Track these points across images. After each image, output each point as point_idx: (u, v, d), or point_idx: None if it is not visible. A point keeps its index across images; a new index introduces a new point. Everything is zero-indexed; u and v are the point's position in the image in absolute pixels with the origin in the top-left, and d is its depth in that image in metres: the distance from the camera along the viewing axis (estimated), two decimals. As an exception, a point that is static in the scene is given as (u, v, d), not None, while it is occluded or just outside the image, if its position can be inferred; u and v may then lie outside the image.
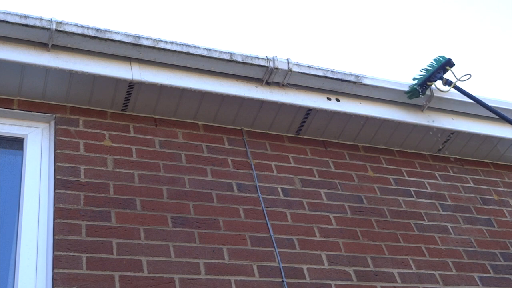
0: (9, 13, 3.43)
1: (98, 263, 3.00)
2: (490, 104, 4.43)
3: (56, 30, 3.50)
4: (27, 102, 3.57)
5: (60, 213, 3.12)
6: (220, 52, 3.87)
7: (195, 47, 3.83)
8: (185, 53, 3.78)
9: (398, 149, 4.45)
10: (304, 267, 3.42)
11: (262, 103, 3.96)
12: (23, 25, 3.44)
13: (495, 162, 4.73)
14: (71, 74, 3.55)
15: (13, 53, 3.44)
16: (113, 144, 3.56)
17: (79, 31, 3.57)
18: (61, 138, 3.46)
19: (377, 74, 4.29)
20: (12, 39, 3.48)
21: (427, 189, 4.27)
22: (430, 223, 4.03)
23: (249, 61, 3.94)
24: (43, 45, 3.54)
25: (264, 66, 3.95)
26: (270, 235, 3.49)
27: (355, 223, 3.79)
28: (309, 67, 4.08)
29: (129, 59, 3.71)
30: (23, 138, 3.47)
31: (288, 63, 4.00)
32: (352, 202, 3.92)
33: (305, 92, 4.10)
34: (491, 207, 4.37)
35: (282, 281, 3.30)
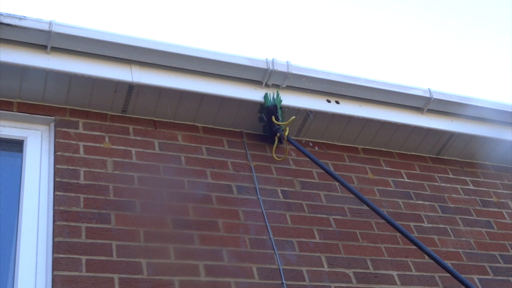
0: (8, 15, 3.43)
1: (98, 265, 2.99)
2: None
3: (55, 32, 3.50)
4: (26, 104, 3.57)
5: (60, 215, 3.12)
6: (220, 54, 3.88)
7: (194, 49, 3.84)
8: (186, 55, 3.79)
9: (397, 151, 4.45)
10: (304, 269, 3.42)
11: (261, 105, 3.95)
12: (22, 27, 3.45)
13: (495, 164, 4.72)
14: (71, 76, 3.55)
15: (12, 56, 3.44)
16: (113, 147, 3.56)
17: (78, 33, 3.58)
18: (60, 140, 3.46)
19: (376, 76, 4.31)
20: (11, 41, 3.48)
21: (426, 191, 4.27)
22: (429, 225, 4.03)
23: (248, 63, 3.94)
24: (42, 47, 3.55)
25: (264, 68, 3.95)
26: (270, 237, 3.49)
27: (354, 225, 3.79)
28: (309, 69, 4.09)
29: (129, 62, 3.72)
30: (23, 141, 3.46)
31: (287, 65, 4.00)
32: (352, 204, 3.91)
33: (305, 94, 4.10)
34: (490, 209, 4.37)
35: (282, 283, 3.30)
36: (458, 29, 10.79)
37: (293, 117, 3.84)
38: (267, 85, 4.01)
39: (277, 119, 3.91)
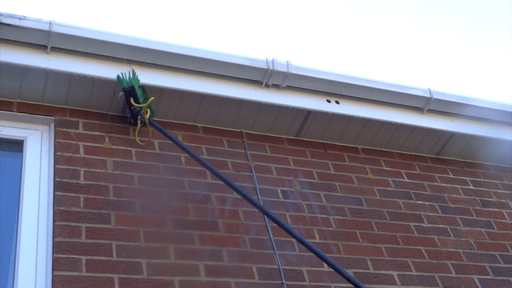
0: (8, 15, 3.43)
1: (98, 266, 2.99)
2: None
3: (55, 32, 3.50)
4: (26, 104, 3.57)
5: (59, 215, 3.12)
6: (220, 54, 3.88)
7: (194, 49, 3.84)
8: (186, 55, 3.79)
9: (397, 151, 4.44)
10: (304, 269, 3.42)
11: (261, 105, 3.96)
12: (22, 27, 3.45)
13: (495, 164, 4.72)
14: (71, 76, 3.55)
15: (12, 56, 3.44)
16: (113, 147, 3.56)
17: (78, 33, 3.58)
18: (60, 140, 3.46)
19: (376, 76, 4.31)
20: (11, 41, 3.48)
21: (426, 191, 4.27)
22: (429, 225, 4.03)
23: (248, 63, 3.94)
24: (42, 47, 3.55)
25: (264, 68, 3.95)
26: (270, 237, 3.49)
27: (354, 225, 3.79)
28: (309, 69, 4.08)
29: (129, 62, 3.72)
30: (23, 141, 3.46)
31: (287, 65, 4.00)
32: (352, 204, 3.91)
33: (305, 94, 4.10)
34: (490, 209, 4.37)
35: (282, 283, 3.30)
36: (458, 29, 10.79)
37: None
38: (267, 85, 4.01)
39: (136, 100, 3.59)
